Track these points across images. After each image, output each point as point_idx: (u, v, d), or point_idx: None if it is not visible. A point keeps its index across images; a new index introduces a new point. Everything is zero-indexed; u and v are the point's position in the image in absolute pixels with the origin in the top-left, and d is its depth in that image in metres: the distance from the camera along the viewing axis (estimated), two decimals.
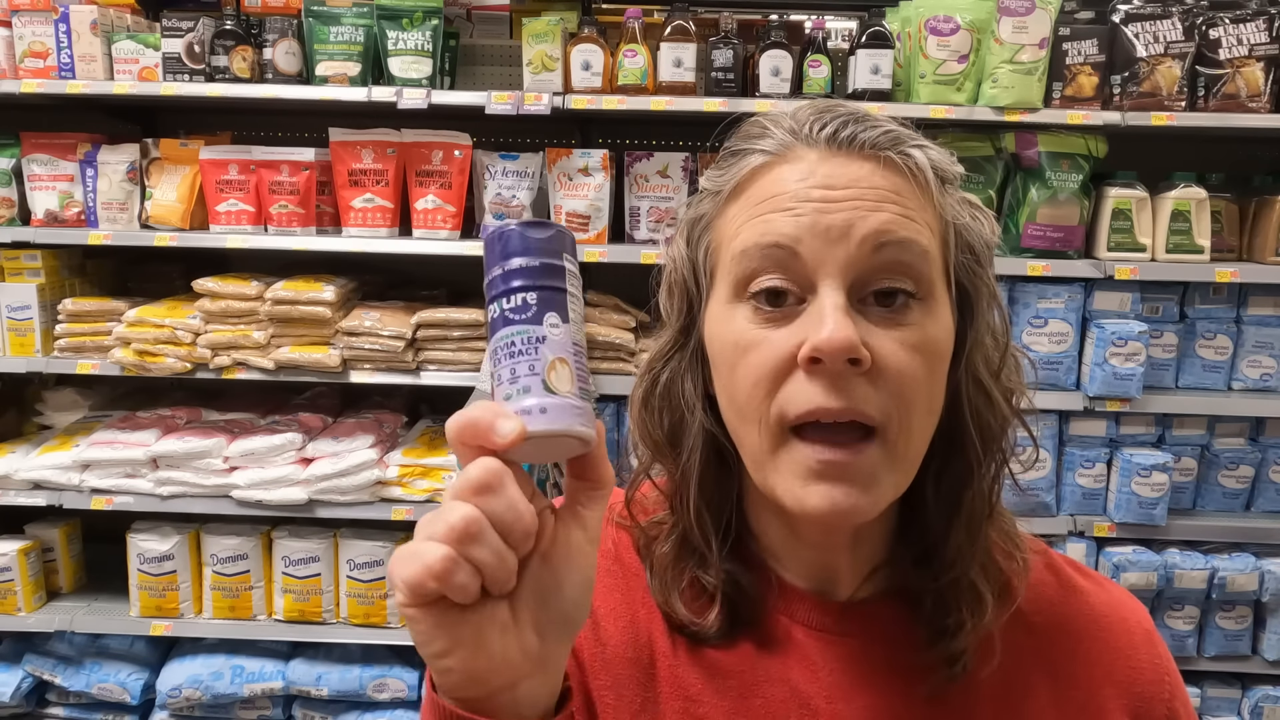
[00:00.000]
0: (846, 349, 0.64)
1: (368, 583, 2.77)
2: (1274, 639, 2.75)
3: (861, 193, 0.67)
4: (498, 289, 0.58)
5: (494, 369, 0.57)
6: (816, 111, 0.72)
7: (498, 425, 0.53)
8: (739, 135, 0.76)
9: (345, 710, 2.85)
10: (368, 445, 2.72)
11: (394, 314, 2.67)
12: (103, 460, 2.68)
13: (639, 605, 0.80)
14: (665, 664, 0.77)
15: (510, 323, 0.57)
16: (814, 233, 0.67)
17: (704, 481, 0.77)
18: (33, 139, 2.76)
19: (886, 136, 0.69)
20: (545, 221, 0.59)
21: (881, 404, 0.66)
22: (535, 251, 0.58)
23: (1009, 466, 0.76)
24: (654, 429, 0.79)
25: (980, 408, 0.73)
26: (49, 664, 2.85)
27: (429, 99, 2.58)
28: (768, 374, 0.68)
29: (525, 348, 0.56)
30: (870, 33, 2.57)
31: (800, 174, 0.69)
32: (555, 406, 0.55)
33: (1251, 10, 2.56)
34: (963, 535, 0.74)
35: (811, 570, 0.78)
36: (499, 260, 0.58)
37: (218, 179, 2.70)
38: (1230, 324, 2.74)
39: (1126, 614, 0.82)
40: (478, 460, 0.53)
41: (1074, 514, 2.76)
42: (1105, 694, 0.78)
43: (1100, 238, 2.65)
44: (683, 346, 0.78)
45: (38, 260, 2.77)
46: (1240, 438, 2.81)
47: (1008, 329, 0.76)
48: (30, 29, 2.63)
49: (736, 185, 0.72)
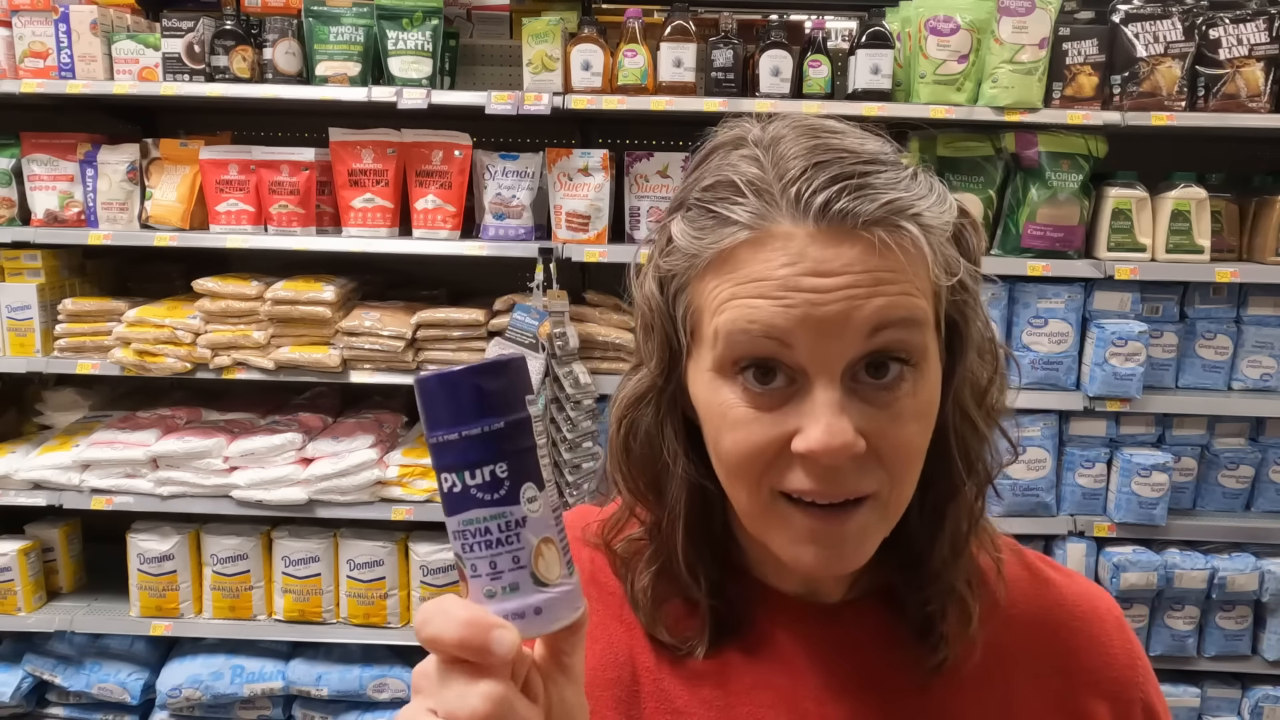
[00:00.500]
0: (844, 452, 0.62)
1: (368, 583, 2.77)
2: (1274, 639, 2.76)
3: (855, 278, 0.62)
4: (453, 459, 0.49)
5: (463, 554, 0.50)
6: (803, 166, 0.64)
7: (493, 643, 0.48)
8: (714, 187, 0.67)
9: (345, 710, 2.85)
10: (368, 445, 2.73)
11: (394, 314, 2.68)
12: (103, 460, 2.70)
13: (617, 624, 0.79)
14: (649, 679, 0.77)
15: (479, 503, 0.49)
16: (806, 326, 0.62)
17: (690, 525, 0.75)
18: (33, 139, 2.77)
19: (884, 209, 0.63)
20: (496, 362, 0.50)
21: (877, 478, 0.66)
22: (497, 409, 0.49)
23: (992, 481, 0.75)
24: (636, 477, 0.76)
25: (965, 435, 0.73)
26: (49, 664, 2.86)
27: (429, 99, 2.58)
28: (759, 452, 0.66)
29: (504, 535, 0.49)
30: (870, 33, 2.58)
31: (789, 257, 0.63)
32: (549, 603, 0.50)
33: (1251, 10, 2.57)
34: (947, 550, 0.74)
35: (799, 578, 0.78)
36: (450, 424, 0.49)
37: (218, 179, 2.70)
38: (1230, 324, 2.75)
39: (1098, 604, 0.83)
40: (474, 687, 0.49)
41: (1074, 514, 2.76)
42: (1084, 681, 0.79)
43: (1100, 238, 2.66)
44: (662, 390, 0.74)
45: (38, 260, 2.77)
46: (1240, 438, 2.82)
47: (994, 336, 0.74)
48: (30, 29, 2.63)
49: (717, 255, 0.66)
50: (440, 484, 0.50)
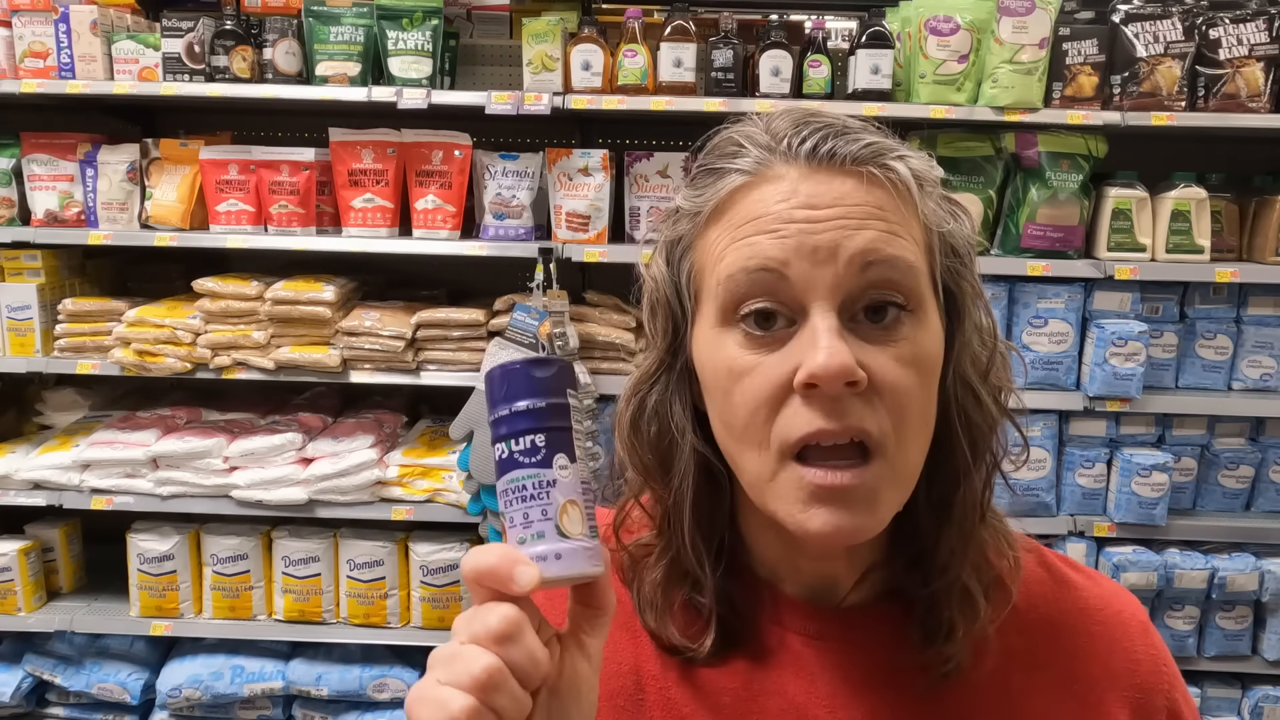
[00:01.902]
0: (843, 374, 0.63)
1: (368, 583, 2.78)
2: (1274, 639, 2.77)
3: (846, 211, 0.66)
4: (505, 429, 0.59)
5: (505, 510, 0.59)
6: (793, 124, 0.70)
7: (516, 575, 0.56)
8: (713, 152, 0.74)
9: (345, 710, 2.86)
10: (368, 445, 2.75)
11: (394, 314, 2.69)
12: (103, 460, 2.71)
13: (623, 633, 0.79)
14: (655, 688, 0.77)
15: (520, 465, 0.58)
16: (800, 254, 0.66)
17: (697, 504, 0.76)
18: (33, 139, 2.78)
19: (867, 150, 0.68)
20: (549, 358, 0.60)
21: (879, 421, 0.66)
22: (541, 392, 0.59)
23: (1000, 469, 0.76)
24: (644, 453, 0.78)
25: (969, 410, 0.73)
26: (49, 664, 2.87)
27: (429, 99, 2.59)
28: (764, 400, 0.67)
29: (536, 492, 0.58)
30: (870, 33, 2.59)
31: (782, 194, 0.68)
32: (568, 551, 0.58)
33: (1251, 10, 2.58)
34: (955, 539, 0.74)
35: (808, 580, 0.78)
36: (504, 400, 0.59)
37: (218, 179, 2.72)
38: (1230, 324, 2.76)
39: (1121, 607, 0.82)
40: (496, 608, 0.56)
41: (1074, 514, 2.77)
42: (1105, 687, 0.78)
43: (1100, 238, 2.67)
44: (670, 367, 0.77)
45: (38, 260, 2.79)
46: (1240, 438, 2.82)
47: (994, 326, 0.76)
48: (30, 29, 2.65)
49: (716, 207, 0.71)
50: (495, 455, 0.60)
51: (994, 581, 0.76)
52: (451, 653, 0.55)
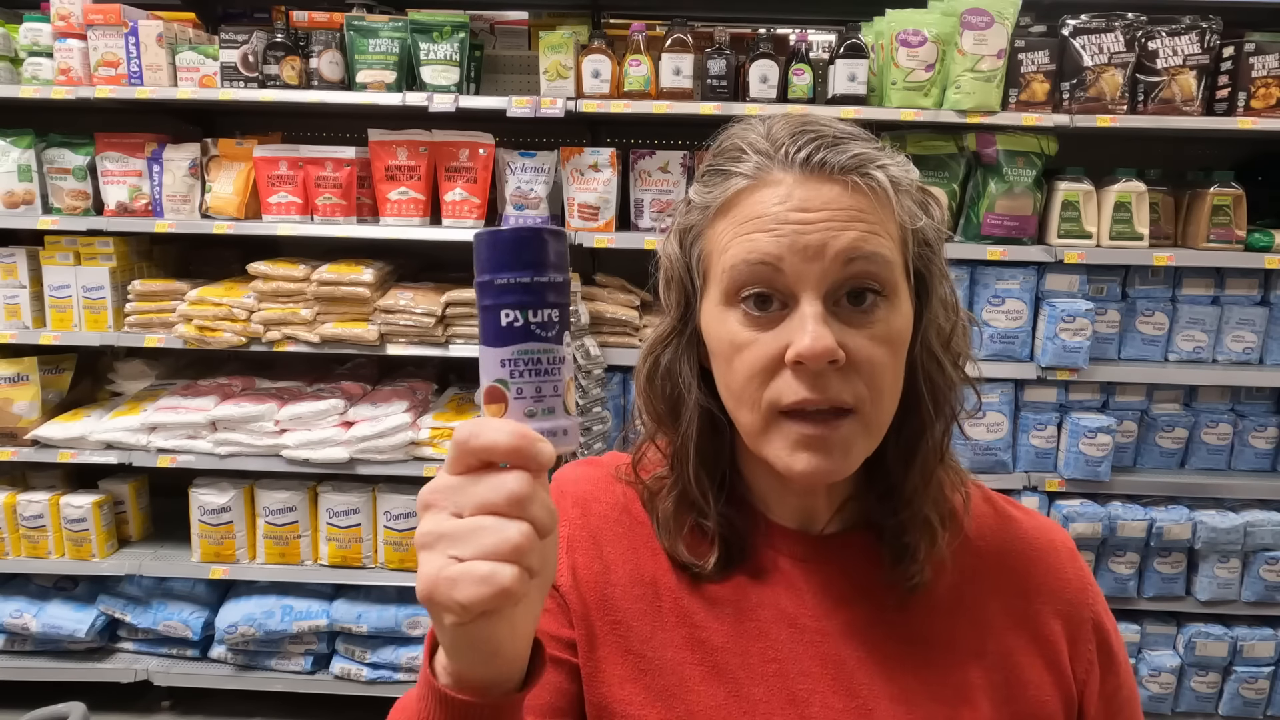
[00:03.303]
0: (826, 354, 0.70)
1: (402, 532, 2.94)
2: (1205, 582, 2.94)
3: (833, 214, 0.72)
4: (523, 298, 0.55)
5: (511, 379, 0.56)
6: (791, 132, 0.76)
7: (539, 452, 0.54)
8: (721, 154, 0.80)
9: (382, 645, 3.00)
10: (402, 410, 2.87)
11: (426, 294, 2.81)
12: (167, 423, 2.84)
13: (644, 550, 0.86)
14: (670, 598, 0.83)
15: (535, 338, 0.56)
16: (793, 251, 0.72)
17: (701, 447, 0.83)
18: (105, 139, 2.90)
19: (853, 160, 0.74)
20: (560, 231, 0.57)
21: (856, 391, 0.73)
22: (560, 266, 0.57)
23: (958, 420, 0.83)
24: (656, 403, 0.85)
25: (932, 373, 0.79)
26: (120, 604, 3.04)
27: (457, 103, 2.70)
28: (759, 370, 0.74)
29: (550, 367, 0.56)
30: (848, 44, 2.71)
31: (779, 197, 0.73)
32: (571, 429, 0.57)
33: (1185, 25, 2.71)
34: (918, 478, 0.81)
35: (794, 511, 0.85)
36: (524, 267, 0.55)
37: (269, 174, 2.83)
38: (1166, 303, 2.89)
39: (1053, 536, 0.90)
40: (507, 476, 0.53)
41: (1028, 471, 2.93)
42: (1041, 601, 0.85)
43: (1051, 226, 2.80)
44: (680, 333, 0.83)
45: (110, 246, 2.91)
46: (1175, 403, 2.97)
47: (956, 300, 0.82)
48: (103, 41, 2.78)
49: (723, 204, 0.77)
50: (497, 319, 0.55)
51: (949, 513, 0.83)
52: (468, 527, 0.53)
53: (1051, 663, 0.84)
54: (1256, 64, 2.70)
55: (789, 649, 0.81)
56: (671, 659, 0.81)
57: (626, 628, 0.82)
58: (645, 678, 0.81)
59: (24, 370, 2.99)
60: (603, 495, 0.89)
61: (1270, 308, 2.90)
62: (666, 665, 0.81)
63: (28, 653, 3.10)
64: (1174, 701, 3.06)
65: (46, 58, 2.85)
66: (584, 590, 0.83)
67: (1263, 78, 2.70)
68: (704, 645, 0.82)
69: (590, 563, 0.85)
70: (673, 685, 0.80)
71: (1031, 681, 0.83)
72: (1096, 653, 0.86)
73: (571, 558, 0.85)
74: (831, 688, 0.80)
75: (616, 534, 0.86)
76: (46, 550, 3.02)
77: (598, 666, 0.82)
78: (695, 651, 0.81)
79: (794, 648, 0.81)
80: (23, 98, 2.79)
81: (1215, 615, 3.02)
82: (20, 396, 2.99)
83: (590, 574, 0.84)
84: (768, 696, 0.80)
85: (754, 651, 0.81)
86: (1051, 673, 0.84)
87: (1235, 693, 3.02)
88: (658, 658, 0.81)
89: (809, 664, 0.81)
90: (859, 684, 0.80)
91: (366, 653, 3.04)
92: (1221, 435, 2.98)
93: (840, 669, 0.81)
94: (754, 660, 0.81)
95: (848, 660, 0.81)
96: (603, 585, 0.84)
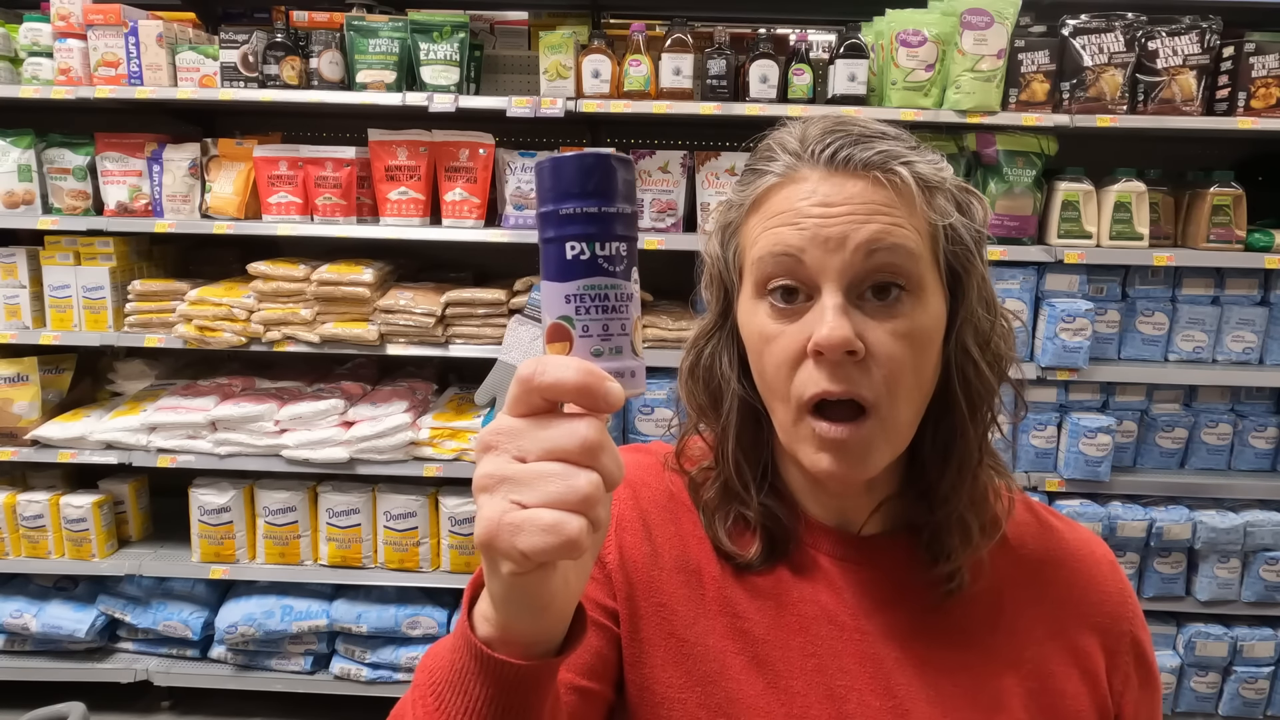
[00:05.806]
0: (843, 344, 0.72)
1: (402, 532, 2.95)
2: (1205, 582, 2.93)
3: (855, 208, 0.74)
4: (592, 229, 0.51)
5: (577, 316, 0.52)
6: (822, 132, 0.78)
7: (609, 393, 0.51)
8: (757, 154, 0.83)
9: (382, 645, 3.01)
10: (402, 410, 2.89)
11: (425, 294, 2.82)
12: (167, 423, 2.85)
13: (691, 538, 0.87)
14: (714, 585, 0.85)
15: (604, 272, 0.52)
16: (815, 243, 0.74)
17: (741, 437, 0.86)
18: (105, 138, 2.90)
19: (879, 156, 0.75)
20: (628, 158, 0.53)
21: (873, 386, 0.74)
22: (629, 196, 0.52)
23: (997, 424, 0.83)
24: (699, 395, 0.88)
25: (968, 374, 0.80)
26: (120, 604, 3.04)
27: (456, 103, 2.71)
28: (786, 361, 0.76)
29: (618, 304, 0.52)
30: (848, 44, 2.71)
31: (804, 193, 0.76)
32: (639, 370, 0.54)
33: (1185, 25, 2.72)
34: (954, 477, 0.82)
35: (831, 509, 0.87)
36: (595, 196, 0.51)
37: (269, 174, 2.84)
38: (1166, 303, 2.89)
39: (1094, 549, 0.91)
40: (578, 421, 0.51)
41: (1028, 471, 2.92)
42: (1079, 614, 0.86)
43: (1051, 226, 2.80)
44: (720, 328, 0.87)
45: (110, 246, 2.92)
46: (1175, 403, 2.96)
47: (997, 303, 0.82)
48: (103, 41, 2.79)
49: (755, 201, 0.80)
50: (562, 251, 0.52)
51: (990, 518, 0.84)
52: (534, 472, 0.50)
53: (1088, 675, 0.85)
54: (1256, 64, 2.70)
55: (829, 645, 0.83)
56: (713, 646, 0.83)
57: (671, 611, 0.83)
58: (687, 662, 0.82)
59: (24, 370, 3.00)
60: (652, 480, 0.91)
61: (1270, 308, 2.90)
62: (709, 652, 0.83)
63: (28, 653, 3.11)
64: (1174, 702, 3.06)
65: (46, 58, 2.87)
66: (630, 570, 0.85)
67: (1263, 78, 2.71)
68: (745, 635, 0.83)
69: (639, 544, 0.86)
70: (713, 672, 0.82)
71: (1067, 693, 0.84)
72: (1134, 668, 0.87)
73: (620, 537, 0.87)
74: (869, 686, 0.81)
75: (664, 519, 0.88)
76: (46, 550, 3.02)
77: (641, 648, 0.83)
78: (736, 640, 0.83)
79: (833, 644, 0.83)
80: (23, 98, 2.80)
81: (1215, 615, 3.01)
82: (20, 396, 3.00)
83: (639, 555, 0.86)
84: (806, 690, 0.81)
85: (794, 645, 0.83)
86: (1087, 685, 0.85)
87: (1235, 693, 3.02)
88: (700, 644, 0.83)
89: (848, 661, 0.82)
90: (897, 684, 0.81)
91: (366, 653, 3.05)
92: (1221, 435, 2.98)
93: (879, 668, 0.82)
94: (794, 654, 0.82)
95: (886, 660, 0.82)
96: (650, 568, 0.85)
